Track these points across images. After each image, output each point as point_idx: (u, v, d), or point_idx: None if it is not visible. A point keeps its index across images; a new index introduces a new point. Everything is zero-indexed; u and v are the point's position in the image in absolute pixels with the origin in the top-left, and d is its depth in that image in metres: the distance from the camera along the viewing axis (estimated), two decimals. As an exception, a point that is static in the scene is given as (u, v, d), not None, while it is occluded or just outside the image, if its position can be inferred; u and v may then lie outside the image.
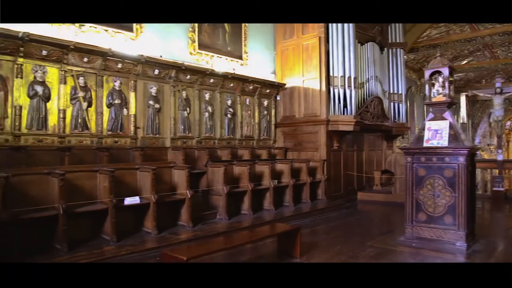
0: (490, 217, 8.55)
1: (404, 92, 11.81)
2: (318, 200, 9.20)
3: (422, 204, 5.69)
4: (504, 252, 5.50)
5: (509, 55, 16.83)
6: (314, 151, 9.64)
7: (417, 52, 15.29)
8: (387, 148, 12.14)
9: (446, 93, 5.78)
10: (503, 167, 10.81)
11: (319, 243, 5.92)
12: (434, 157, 5.58)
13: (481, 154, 24.47)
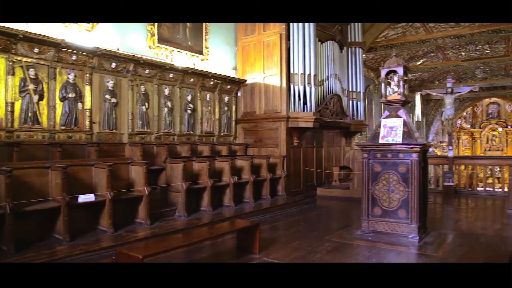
0: (441, 210, 8.95)
1: (363, 90, 12.13)
2: (278, 196, 9.29)
3: (378, 199, 5.88)
4: (453, 243, 5.76)
5: (459, 57, 17.66)
6: (274, 148, 9.71)
7: (375, 51, 15.72)
8: (345, 145, 12.44)
9: (400, 92, 5.97)
10: (453, 163, 11.36)
11: (279, 239, 5.97)
12: (389, 154, 5.77)
13: (434, 151, 25.64)
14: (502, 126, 26.72)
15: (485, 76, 21.16)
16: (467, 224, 7.23)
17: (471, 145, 27.61)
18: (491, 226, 7.05)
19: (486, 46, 15.95)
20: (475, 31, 13.71)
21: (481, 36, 13.97)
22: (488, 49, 16.39)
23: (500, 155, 24.00)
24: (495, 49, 16.31)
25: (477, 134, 27.49)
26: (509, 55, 16.85)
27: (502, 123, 26.81)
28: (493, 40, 15.02)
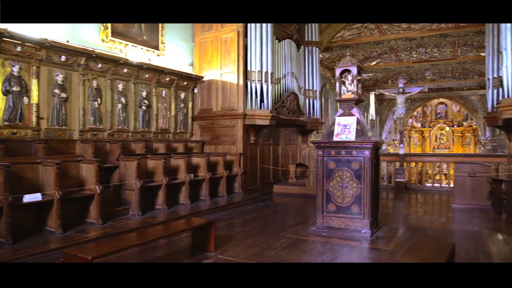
0: (393, 205, 9.29)
1: (319, 89, 12.35)
2: (235, 194, 9.28)
3: (332, 195, 6.00)
4: (402, 237, 6.01)
5: (411, 59, 18.41)
6: (231, 145, 9.69)
7: (331, 51, 16.06)
8: (302, 142, 12.63)
9: (354, 91, 6.13)
10: (404, 160, 11.83)
11: (235, 236, 5.96)
12: (342, 151, 5.90)
13: (387, 148, 26.60)
14: (449, 126, 28.17)
15: (434, 77, 22.21)
16: (416, 218, 7.54)
17: (421, 143, 28.92)
18: (438, 219, 7.40)
19: (435, 49, 16.74)
20: (425, 35, 14.35)
21: (430, 39, 14.64)
22: (437, 52, 17.22)
23: (447, 152, 25.27)
24: (443, 52, 17.16)
25: (427, 133, 28.83)
26: (455, 59, 17.77)
27: (449, 122, 28.27)
28: (441, 43, 15.77)
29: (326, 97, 17.77)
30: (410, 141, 28.92)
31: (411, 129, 29.14)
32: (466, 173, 8.57)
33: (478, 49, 15.81)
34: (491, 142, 23.85)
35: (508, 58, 7.18)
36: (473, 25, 13.19)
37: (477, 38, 14.00)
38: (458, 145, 27.72)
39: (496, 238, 6.02)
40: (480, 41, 14.03)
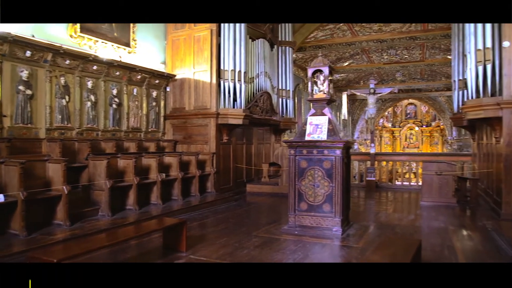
0: (364, 204, 9.47)
1: (292, 89, 12.43)
2: (208, 193, 9.23)
3: (304, 194, 6.05)
4: (373, 234, 6.13)
5: (382, 60, 18.80)
6: (203, 144, 9.61)
7: (304, 51, 16.19)
8: (275, 142, 12.68)
9: (326, 91, 6.20)
10: (375, 159, 12.07)
11: (207, 236, 5.92)
12: (314, 150, 5.97)
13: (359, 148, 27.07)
14: (418, 126, 28.97)
15: (404, 79, 22.76)
16: (386, 216, 7.70)
17: (392, 142, 29.61)
18: (406, 217, 7.59)
19: (405, 51, 17.15)
20: (395, 37, 14.67)
21: (400, 41, 14.98)
22: (407, 54, 17.65)
23: (416, 152, 25.95)
24: (412, 54, 17.60)
25: (397, 133, 29.55)
26: (423, 61, 18.27)
27: (418, 122, 29.06)
28: (410, 46, 16.19)
29: (299, 96, 17.92)
30: (381, 140, 29.57)
31: (382, 129, 29.79)
32: (433, 171, 8.83)
33: (445, 52, 16.30)
34: (457, 142, 24.66)
35: (472, 61, 7.40)
36: (440, 28, 13.60)
37: (444, 41, 14.43)
38: (426, 145, 28.53)
39: (460, 234, 6.23)
40: (447, 44, 14.46)
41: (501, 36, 7.08)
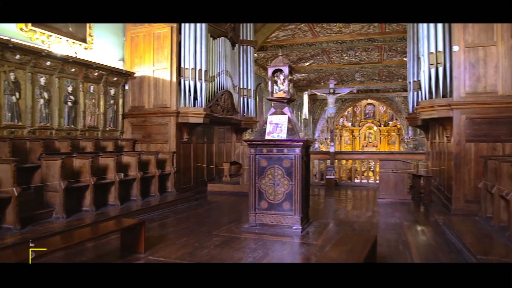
0: (324, 202, 9.64)
1: (253, 88, 12.45)
2: (168, 193, 9.09)
3: (264, 193, 6.09)
4: (331, 231, 6.25)
5: (341, 61, 19.23)
6: (163, 143, 9.45)
7: (266, 51, 16.28)
8: (236, 141, 12.67)
9: (286, 90, 6.26)
10: (335, 158, 12.33)
11: (166, 236, 5.84)
12: (274, 149, 6.01)
13: (320, 147, 27.56)
14: (377, 125, 29.90)
15: (363, 79, 23.41)
16: (345, 213, 7.88)
17: (352, 141, 30.39)
18: (364, 214, 7.80)
19: (363, 52, 17.64)
20: (354, 39, 15.06)
21: (359, 43, 15.39)
22: (365, 56, 18.16)
23: (374, 150, 26.77)
24: (371, 56, 18.14)
25: (357, 132, 30.37)
26: (381, 62, 18.87)
27: (376, 122, 30.00)
28: (369, 47, 16.67)
29: (260, 96, 18.03)
30: (341, 139, 30.28)
31: (342, 128, 30.52)
32: (389, 170, 9.12)
33: (401, 54, 16.91)
34: (413, 141, 25.65)
35: (425, 63, 7.71)
36: (397, 31, 14.10)
37: (400, 44, 14.97)
38: (384, 144, 29.50)
39: (414, 229, 6.48)
40: (403, 47, 15.02)
41: (451, 40, 7.43)
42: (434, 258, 4.82)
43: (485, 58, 7.22)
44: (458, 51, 7.30)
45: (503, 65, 7.11)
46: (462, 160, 7.33)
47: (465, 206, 7.22)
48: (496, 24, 7.12)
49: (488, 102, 7.17)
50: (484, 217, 6.25)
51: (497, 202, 5.63)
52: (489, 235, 5.39)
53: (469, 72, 7.27)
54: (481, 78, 7.23)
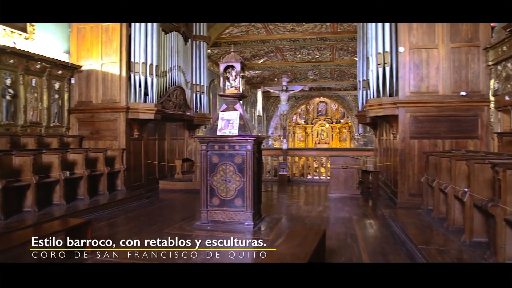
0: (277, 197, 9.76)
1: (207, 84, 12.33)
2: (117, 191, 8.80)
3: (216, 189, 6.05)
4: (283, 226, 6.33)
5: (295, 59, 19.51)
6: (113, 140, 9.13)
7: (220, 47, 16.17)
8: (189, 137, 12.49)
9: (237, 87, 6.24)
10: (287, 155, 12.50)
11: (115, 235, 5.65)
12: (226, 145, 5.99)
13: (274, 143, 27.85)
14: (329, 122, 30.66)
15: (315, 78, 23.89)
16: (296, 208, 8.01)
17: (305, 138, 30.96)
18: (315, 209, 7.96)
19: (316, 51, 18.00)
20: (307, 37, 15.31)
21: (312, 42, 15.68)
22: (318, 54, 18.53)
23: (326, 147, 27.45)
24: (323, 54, 18.53)
25: (309, 129, 30.98)
26: (333, 61, 19.35)
27: (329, 119, 30.75)
28: (321, 46, 17.02)
29: (214, 92, 17.89)
30: (294, 136, 30.76)
31: (295, 125, 31.01)
32: (339, 165, 9.38)
33: (352, 54, 17.42)
34: (363, 138, 26.56)
35: (373, 63, 8.00)
36: (348, 31, 14.50)
37: (351, 43, 15.41)
38: (336, 140, 30.31)
39: (362, 223, 6.70)
40: (354, 46, 15.46)
41: (397, 41, 7.75)
42: (380, 250, 5.01)
43: (428, 59, 7.60)
44: (403, 52, 7.63)
45: (443, 67, 7.53)
46: (406, 156, 7.68)
47: (409, 199, 7.58)
48: (437, 27, 7.52)
49: (430, 101, 7.57)
50: (426, 210, 6.58)
51: (437, 195, 5.95)
52: (430, 226, 5.68)
53: (413, 72, 7.62)
54: (424, 78, 7.61)
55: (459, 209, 5.15)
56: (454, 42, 7.52)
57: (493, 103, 7.34)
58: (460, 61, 7.53)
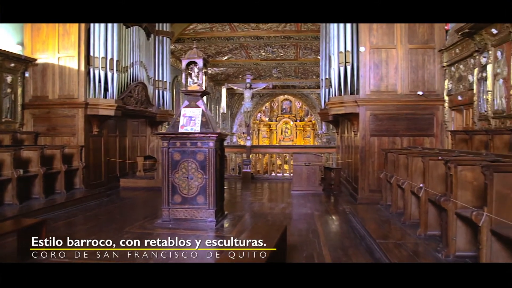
0: (240, 195, 9.77)
1: (170, 80, 12.12)
2: (76, 190, 8.51)
3: (178, 187, 5.99)
4: (246, 223, 6.35)
5: (259, 57, 19.54)
6: (71, 136, 8.79)
7: (183, 43, 15.93)
8: (151, 134, 12.26)
9: (200, 83, 6.19)
10: (251, 152, 12.53)
11: (73, 236, 5.44)
12: (188, 142, 5.94)
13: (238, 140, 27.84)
14: (293, 120, 30.98)
15: (280, 75, 24.03)
16: (259, 205, 8.05)
17: (269, 136, 31.12)
18: (278, 205, 8.04)
19: (280, 49, 18.09)
20: (271, 35, 15.38)
21: (276, 40, 15.76)
22: (282, 52, 18.64)
23: (290, 144, 27.73)
24: (287, 53, 18.67)
25: (274, 126, 31.16)
26: (297, 59, 19.54)
27: (293, 117, 31.06)
28: (286, 45, 17.14)
29: (178, 88, 17.63)
30: (259, 134, 30.86)
31: (260, 123, 31.11)
32: (302, 163, 9.51)
33: (315, 53, 17.64)
34: (326, 135, 27.02)
35: (335, 62, 8.16)
36: (311, 30, 14.68)
37: (315, 42, 15.60)
38: (300, 138, 30.67)
39: (324, 219, 6.81)
40: (317, 45, 15.65)
41: (358, 41, 7.93)
42: (340, 245, 5.11)
43: (387, 59, 7.84)
44: (364, 52, 7.82)
45: (401, 67, 7.79)
46: (366, 153, 7.88)
47: (370, 195, 7.80)
48: (396, 28, 7.76)
49: (389, 100, 7.81)
50: (385, 205, 6.79)
51: (395, 191, 6.15)
52: (388, 220, 5.87)
53: (373, 71, 7.83)
54: (383, 77, 7.84)
55: (415, 204, 5.35)
56: (412, 44, 7.79)
57: (447, 102, 7.67)
58: (417, 62, 7.81)
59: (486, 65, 5.95)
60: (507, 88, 5.47)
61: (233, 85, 13.91)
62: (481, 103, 6.16)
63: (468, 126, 6.92)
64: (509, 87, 5.41)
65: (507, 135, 5.31)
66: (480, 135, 6.03)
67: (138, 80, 10.31)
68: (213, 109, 23.03)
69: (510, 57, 5.37)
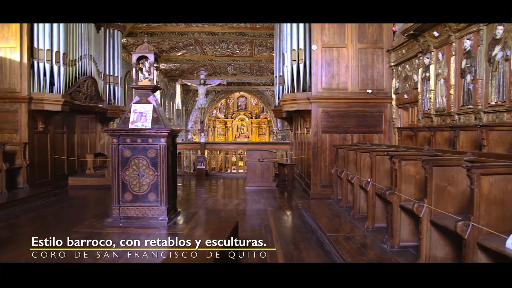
0: (194, 192, 9.70)
1: (121, 75, 11.78)
2: (19, 189, 8.07)
3: (128, 185, 5.85)
4: (199, 220, 6.32)
5: (214, 53, 19.39)
6: (12, 133, 8.29)
7: (136, 37, 15.48)
8: (102, 131, 11.85)
9: (151, 78, 6.07)
10: (205, 148, 12.45)
11: (17, 237, 5.25)
12: (138, 139, 5.81)
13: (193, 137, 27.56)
14: (249, 117, 31.12)
15: (235, 72, 24.01)
16: (213, 202, 8.03)
17: (225, 132, 31.08)
18: (232, 202, 8.06)
19: (236, 46, 18.04)
20: (226, 31, 15.29)
21: (231, 36, 15.70)
22: (237, 49, 18.60)
23: (245, 141, 27.83)
24: (242, 49, 18.65)
25: (229, 123, 31.16)
26: (252, 56, 19.59)
27: (248, 114, 31.20)
28: (241, 41, 17.11)
29: (130, 84, 17.16)
30: (214, 130, 30.75)
31: (215, 120, 30.99)
32: (256, 159, 9.58)
33: (270, 50, 17.75)
34: (281, 132, 27.38)
35: (288, 59, 8.28)
36: (266, 27, 14.74)
37: (269, 40, 15.70)
38: (256, 135, 30.88)
39: (276, 214, 6.91)
40: (272, 43, 15.77)
41: (311, 39, 8.09)
42: (291, 239, 5.22)
43: (338, 58, 8.05)
44: (316, 50, 7.98)
45: (352, 65, 8.04)
46: (318, 149, 8.07)
47: (321, 190, 8.00)
48: (347, 28, 7.99)
49: (340, 98, 8.04)
50: (336, 200, 6.99)
51: (345, 186, 6.36)
52: (339, 215, 6.05)
53: (325, 69, 8.02)
54: (335, 75, 8.05)
55: (364, 198, 5.55)
56: (362, 43, 8.06)
57: (394, 100, 8.01)
58: (367, 61, 8.09)
59: (429, 65, 6.28)
60: (447, 88, 5.80)
61: (187, 81, 13.72)
62: (425, 101, 6.49)
63: (414, 123, 7.27)
64: (449, 87, 5.74)
65: (447, 132, 5.64)
66: (423, 132, 6.36)
67: (87, 74, 9.91)
68: (167, 105, 22.61)
69: (450, 58, 5.69)
